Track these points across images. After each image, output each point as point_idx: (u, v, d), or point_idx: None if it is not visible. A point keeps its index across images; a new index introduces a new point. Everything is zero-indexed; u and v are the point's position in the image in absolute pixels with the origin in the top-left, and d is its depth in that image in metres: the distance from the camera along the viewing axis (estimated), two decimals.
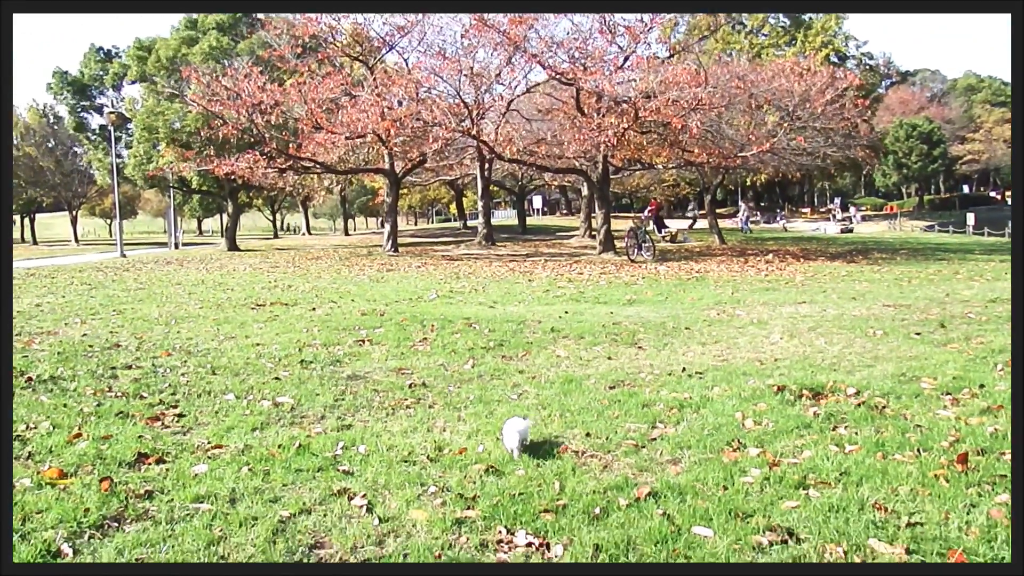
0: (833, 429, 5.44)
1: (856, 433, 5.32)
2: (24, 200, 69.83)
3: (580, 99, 26.24)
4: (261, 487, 4.45)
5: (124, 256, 33.19)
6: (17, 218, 77.73)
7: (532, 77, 30.98)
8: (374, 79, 27.86)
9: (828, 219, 59.59)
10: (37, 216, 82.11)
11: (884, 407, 5.93)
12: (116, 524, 3.92)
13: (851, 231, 50.75)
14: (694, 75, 23.61)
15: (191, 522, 3.95)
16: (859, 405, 5.99)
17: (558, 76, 26.25)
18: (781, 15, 56.72)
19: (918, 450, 4.90)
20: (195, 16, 44.20)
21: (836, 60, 51.58)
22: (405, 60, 30.87)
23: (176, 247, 45.43)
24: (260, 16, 38.14)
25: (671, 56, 28.56)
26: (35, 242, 74.80)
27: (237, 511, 4.09)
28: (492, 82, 29.01)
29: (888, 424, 5.49)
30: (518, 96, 30.06)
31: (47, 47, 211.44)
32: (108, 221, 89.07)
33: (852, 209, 65.21)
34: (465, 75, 28.02)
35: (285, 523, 3.96)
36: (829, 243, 35.97)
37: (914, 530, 3.74)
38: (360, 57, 31.51)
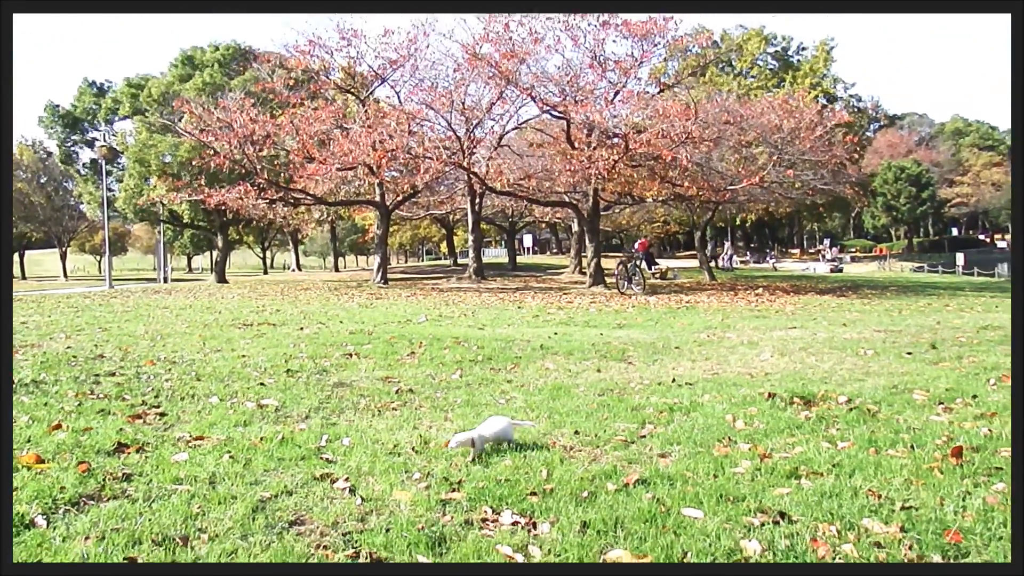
0: (825, 429, 5.38)
1: (849, 433, 5.25)
2: (14, 235, 69.54)
3: (571, 132, 26.44)
4: (242, 472, 4.35)
5: (112, 287, 32.99)
6: None
7: (523, 113, 31.27)
8: (366, 112, 27.99)
9: (818, 259, 59.98)
10: (26, 252, 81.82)
11: (876, 412, 5.86)
12: (93, 501, 3.83)
13: (841, 271, 51.02)
14: (684, 108, 23.81)
15: (169, 500, 3.85)
16: (851, 410, 5.92)
17: (549, 109, 26.46)
18: (769, 58, 57.50)
19: (911, 446, 4.83)
20: (191, 53, 44.62)
21: (825, 101, 52.21)
22: (397, 93, 31.07)
23: (165, 281, 45.21)
24: (256, 51, 38.44)
25: (660, 92, 28.82)
26: (24, 277, 74.48)
27: (217, 491, 4.00)
28: (484, 116, 29.20)
29: (881, 426, 5.42)
30: (509, 131, 30.22)
31: (37, 84, 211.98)
32: (98, 257, 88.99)
33: (835, 250, 65.68)
34: (456, 109, 28.21)
35: (265, 502, 3.86)
36: (819, 280, 36.09)
37: (909, 513, 3.67)
38: (352, 90, 31.70)
